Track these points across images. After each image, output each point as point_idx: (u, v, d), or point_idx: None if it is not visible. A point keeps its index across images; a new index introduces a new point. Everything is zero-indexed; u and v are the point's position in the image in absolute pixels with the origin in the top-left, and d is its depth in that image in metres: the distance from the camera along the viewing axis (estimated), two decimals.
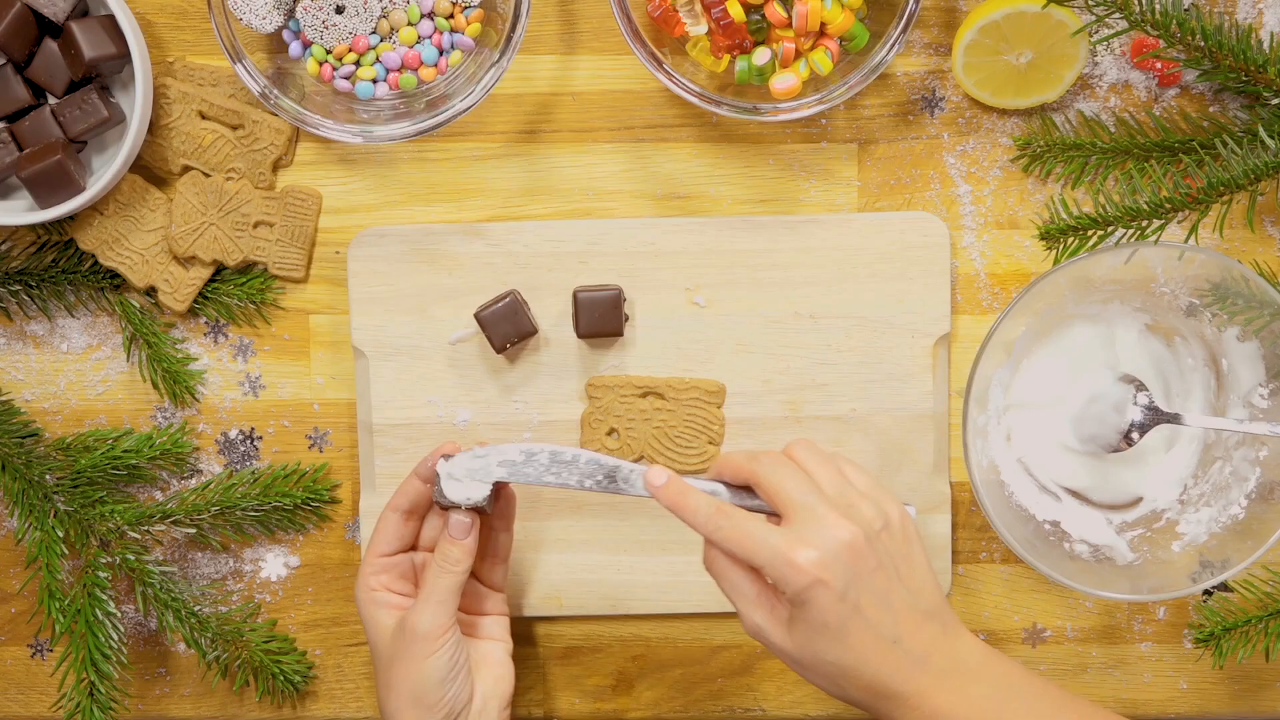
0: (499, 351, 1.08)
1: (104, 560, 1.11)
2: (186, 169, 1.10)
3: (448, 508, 1.01)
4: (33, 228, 1.11)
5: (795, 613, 0.93)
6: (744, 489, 0.99)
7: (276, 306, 1.12)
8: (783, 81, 1.05)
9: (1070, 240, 1.00)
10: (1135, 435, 1.07)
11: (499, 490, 1.03)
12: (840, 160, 1.11)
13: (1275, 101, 1.04)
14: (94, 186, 1.06)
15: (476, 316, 1.07)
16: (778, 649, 0.95)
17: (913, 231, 1.09)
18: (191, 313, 1.12)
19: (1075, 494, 1.11)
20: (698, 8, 1.05)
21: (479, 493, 1.00)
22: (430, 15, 1.06)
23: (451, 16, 1.07)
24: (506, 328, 1.07)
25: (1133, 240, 1.00)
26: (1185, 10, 1.01)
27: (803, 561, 0.92)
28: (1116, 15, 1.01)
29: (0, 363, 1.13)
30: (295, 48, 1.06)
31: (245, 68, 1.04)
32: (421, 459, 1.03)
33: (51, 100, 1.08)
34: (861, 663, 0.93)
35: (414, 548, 1.05)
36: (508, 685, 1.04)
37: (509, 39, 1.04)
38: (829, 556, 0.92)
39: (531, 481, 0.99)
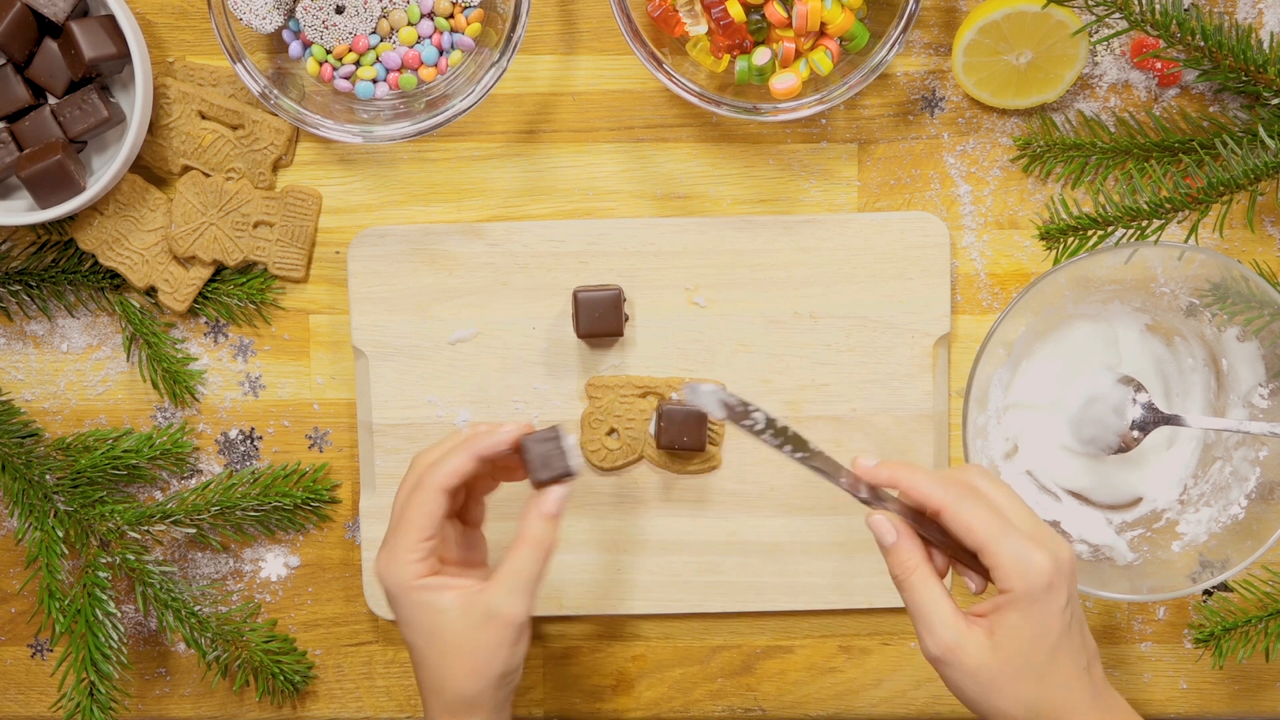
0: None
1: (104, 560, 1.11)
2: (186, 169, 1.10)
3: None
4: (33, 228, 1.11)
5: (1009, 619, 0.90)
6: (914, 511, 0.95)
7: (276, 306, 1.12)
8: (783, 81, 1.05)
9: (1070, 240, 1.00)
10: (1135, 437, 1.07)
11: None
12: (840, 160, 1.11)
13: (1275, 101, 1.04)
14: (94, 186, 1.06)
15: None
16: (971, 668, 0.91)
17: (913, 231, 1.09)
18: (191, 313, 1.12)
19: (1075, 494, 1.11)
20: (698, 8, 1.05)
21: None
22: (430, 15, 1.06)
23: (451, 16, 1.07)
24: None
25: (1133, 240, 1.00)
26: (1185, 10, 1.01)
27: (1043, 559, 0.90)
28: (1116, 15, 1.01)
29: (0, 363, 1.13)
30: (295, 48, 1.06)
31: (245, 68, 1.05)
32: (466, 439, 0.97)
33: (51, 100, 1.08)
34: (1059, 682, 0.91)
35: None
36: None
37: (509, 39, 1.04)
38: (1059, 563, 0.91)
39: (744, 430, 0.95)
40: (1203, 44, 1.01)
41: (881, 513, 0.94)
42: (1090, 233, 1.00)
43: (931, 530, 0.94)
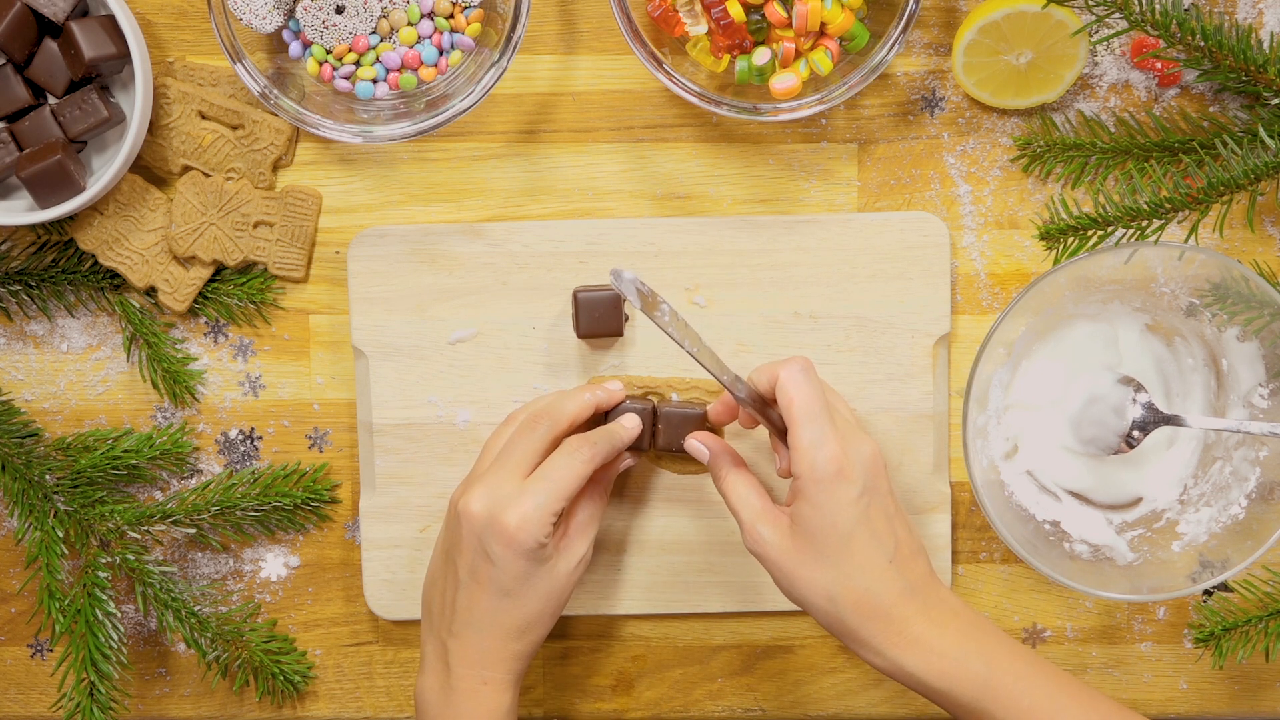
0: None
1: (104, 560, 1.11)
2: (186, 169, 1.10)
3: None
4: (33, 228, 1.11)
5: (803, 509, 0.95)
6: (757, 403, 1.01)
7: (276, 306, 1.12)
8: (783, 81, 1.05)
9: (1070, 240, 1.00)
10: (1135, 437, 1.07)
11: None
12: (840, 160, 1.11)
13: (1275, 101, 1.04)
14: (94, 186, 1.06)
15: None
16: (776, 560, 0.97)
17: (913, 231, 1.09)
18: (191, 313, 1.12)
19: (1075, 494, 1.11)
20: (698, 8, 1.05)
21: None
22: (430, 15, 1.06)
23: (451, 16, 1.07)
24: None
25: (1133, 240, 1.00)
26: (1185, 10, 1.01)
27: (833, 449, 0.95)
28: (1116, 15, 1.01)
29: (0, 363, 1.13)
30: (295, 48, 1.06)
31: (245, 68, 1.05)
32: (592, 388, 1.06)
33: (51, 100, 1.08)
34: (859, 573, 0.95)
35: None
36: None
37: (509, 39, 1.04)
38: (854, 457, 0.96)
39: (652, 320, 1.01)
40: (1203, 44, 1.01)
41: (697, 434, 1.03)
42: (1090, 233, 1.00)
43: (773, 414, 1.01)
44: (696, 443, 1.04)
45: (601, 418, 1.07)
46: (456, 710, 1.01)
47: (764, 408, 1.01)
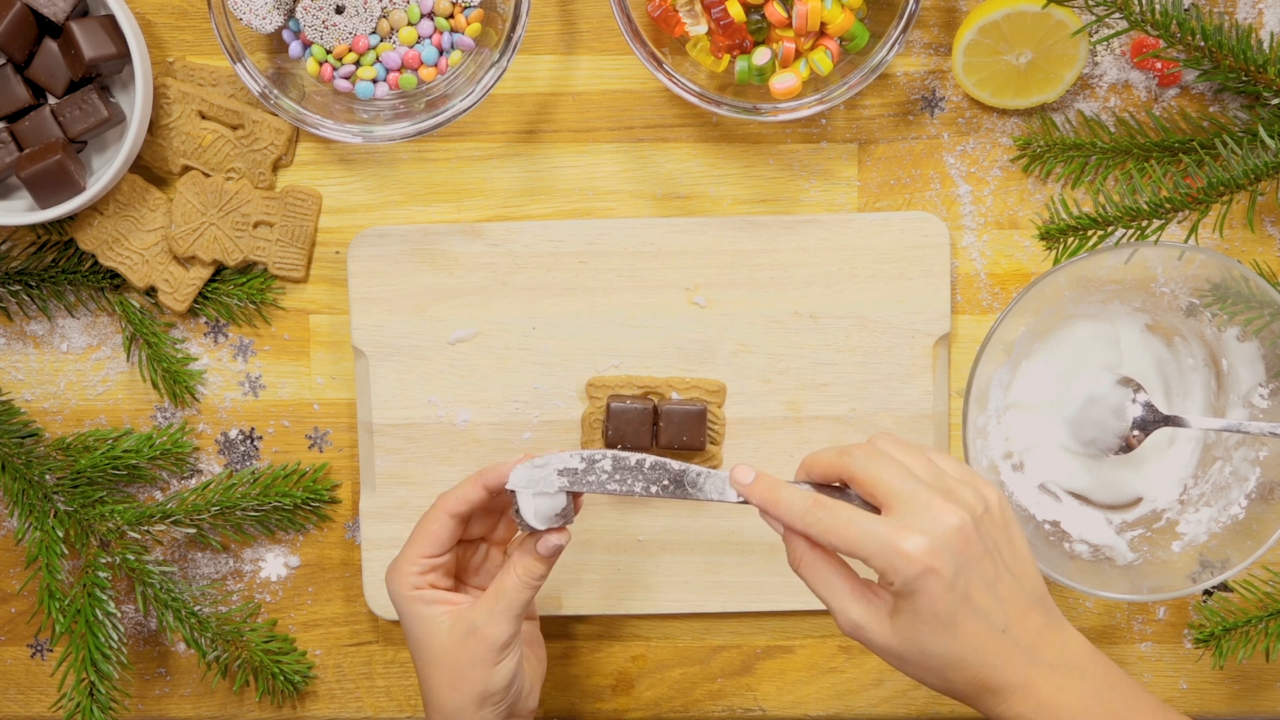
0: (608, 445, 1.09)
1: (104, 560, 1.11)
2: (186, 169, 1.10)
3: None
4: (33, 228, 1.11)
5: (901, 604, 0.89)
6: (833, 488, 0.94)
7: (276, 306, 1.12)
8: (783, 81, 1.05)
9: (1070, 240, 1.00)
10: (1135, 437, 1.07)
11: (575, 496, 0.99)
12: (840, 160, 1.11)
13: (1275, 101, 1.04)
14: (94, 186, 1.06)
15: (609, 403, 1.08)
16: (878, 645, 0.91)
17: (913, 231, 1.09)
18: (191, 313, 1.12)
19: (1075, 494, 1.11)
20: (698, 8, 1.05)
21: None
22: (430, 15, 1.06)
23: (451, 16, 1.07)
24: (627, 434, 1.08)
25: (1133, 240, 1.00)
26: (1185, 10, 1.01)
27: (912, 549, 0.87)
28: (1116, 15, 1.01)
29: (0, 363, 1.13)
30: (295, 48, 1.06)
31: (245, 68, 1.05)
32: (489, 468, 0.99)
33: (51, 100, 1.08)
34: (970, 653, 0.89)
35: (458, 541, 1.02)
36: (545, 659, 1.06)
37: (509, 39, 1.04)
38: (938, 543, 0.88)
39: (593, 490, 0.95)
40: (1203, 44, 1.01)
41: (765, 513, 0.93)
42: (1090, 233, 1.00)
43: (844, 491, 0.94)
44: (771, 521, 0.95)
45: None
46: None
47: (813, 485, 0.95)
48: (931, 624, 0.89)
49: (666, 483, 0.95)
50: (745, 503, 0.94)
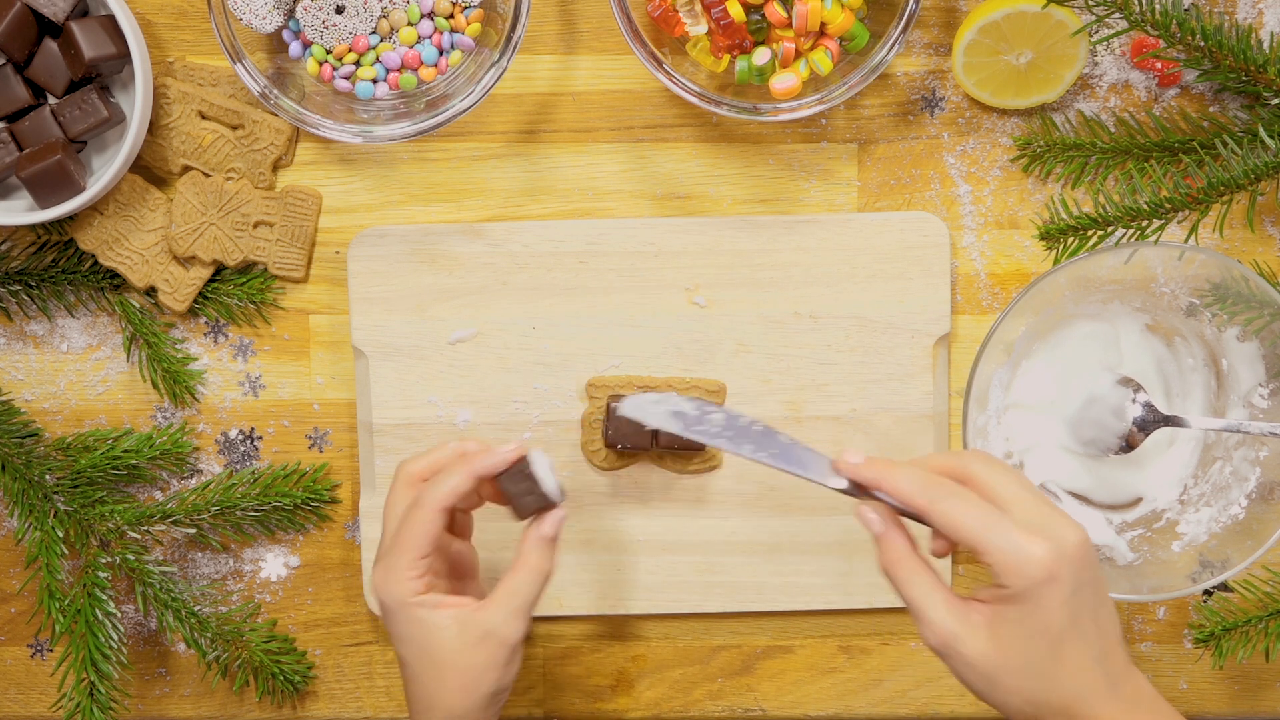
0: (608, 445, 1.08)
1: (104, 560, 1.11)
2: (186, 169, 1.10)
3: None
4: (33, 228, 1.11)
5: (1008, 612, 0.86)
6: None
7: (276, 306, 1.12)
8: (783, 81, 1.05)
9: (1070, 240, 1.00)
10: (1136, 438, 1.07)
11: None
12: (840, 160, 1.11)
13: (1275, 101, 1.04)
14: (94, 186, 1.06)
15: (609, 403, 1.08)
16: (971, 658, 0.87)
17: (913, 231, 1.09)
18: (191, 313, 1.12)
19: (1075, 494, 1.11)
20: (698, 8, 1.05)
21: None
22: (430, 15, 1.06)
23: (451, 16, 1.07)
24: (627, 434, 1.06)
25: (1133, 240, 1.00)
26: (1185, 10, 1.01)
27: (1040, 553, 0.84)
28: (1116, 15, 1.01)
29: (0, 363, 1.13)
30: (295, 48, 1.06)
31: (245, 68, 1.05)
32: (463, 456, 0.97)
33: (51, 100, 1.08)
34: (1067, 676, 0.87)
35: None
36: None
37: (509, 39, 1.04)
38: (1062, 555, 0.85)
39: (703, 439, 0.93)
40: (1203, 44, 1.01)
41: (870, 503, 0.91)
42: (1090, 233, 1.00)
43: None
44: (870, 513, 0.91)
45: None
46: None
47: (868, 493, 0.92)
48: (1038, 639, 0.86)
49: (775, 451, 0.93)
50: (846, 491, 0.92)
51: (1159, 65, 1.08)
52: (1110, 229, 0.99)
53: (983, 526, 0.86)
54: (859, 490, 0.92)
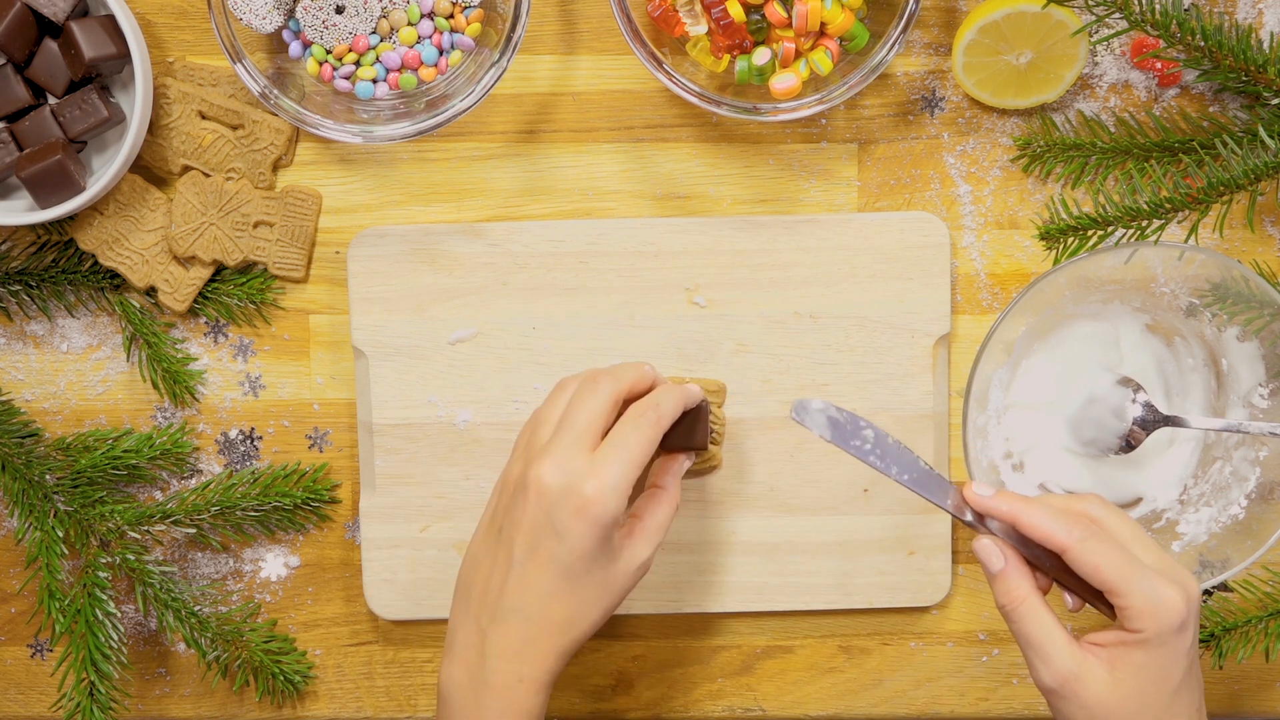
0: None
1: (104, 560, 1.11)
2: (186, 169, 1.11)
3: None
4: (33, 228, 1.11)
5: (1131, 656, 0.87)
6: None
7: (276, 306, 1.12)
8: (783, 81, 1.05)
9: (1070, 240, 1.00)
10: (1136, 437, 1.07)
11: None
12: (840, 160, 1.11)
13: (1275, 101, 1.04)
14: (94, 186, 1.06)
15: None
16: (1090, 700, 0.88)
17: (913, 231, 1.09)
18: (191, 313, 1.12)
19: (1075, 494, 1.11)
20: (698, 8, 1.05)
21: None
22: (430, 15, 1.06)
23: (451, 16, 1.07)
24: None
25: (1133, 240, 1.00)
26: (1185, 10, 1.01)
27: (1178, 599, 0.86)
28: (1116, 15, 1.01)
29: (0, 363, 1.13)
30: (295, 48, 1.06)
31: (245, 68, 1.05)
32: (677, 390, 0.99)
33: (51, 100, 1.08)
34: None
35: None
36: None
37: (509, 39, 1.04)
38: (1191, 602, 0.87)
39: (851, 452, 0.94)
40: (1203, 44, 1.01)
41: (989, 537, 0.91)
42: (1090, 233, 1.00)
43: (1037, 551, 0.91)
44: (991, 550, 0.91)
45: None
46: (485, 708, 0.95)
47: (1009, 531, 0.93)
48: (1160, 686, 0.86)
49: (916, 475, 0.94)
50: (969, 523, 0.93)
51: (1159, 65, 1.08)
52: (1110, 229, 0.99)
53: (1126, 570, 0.86)
54: (978, 520, 0.92)
